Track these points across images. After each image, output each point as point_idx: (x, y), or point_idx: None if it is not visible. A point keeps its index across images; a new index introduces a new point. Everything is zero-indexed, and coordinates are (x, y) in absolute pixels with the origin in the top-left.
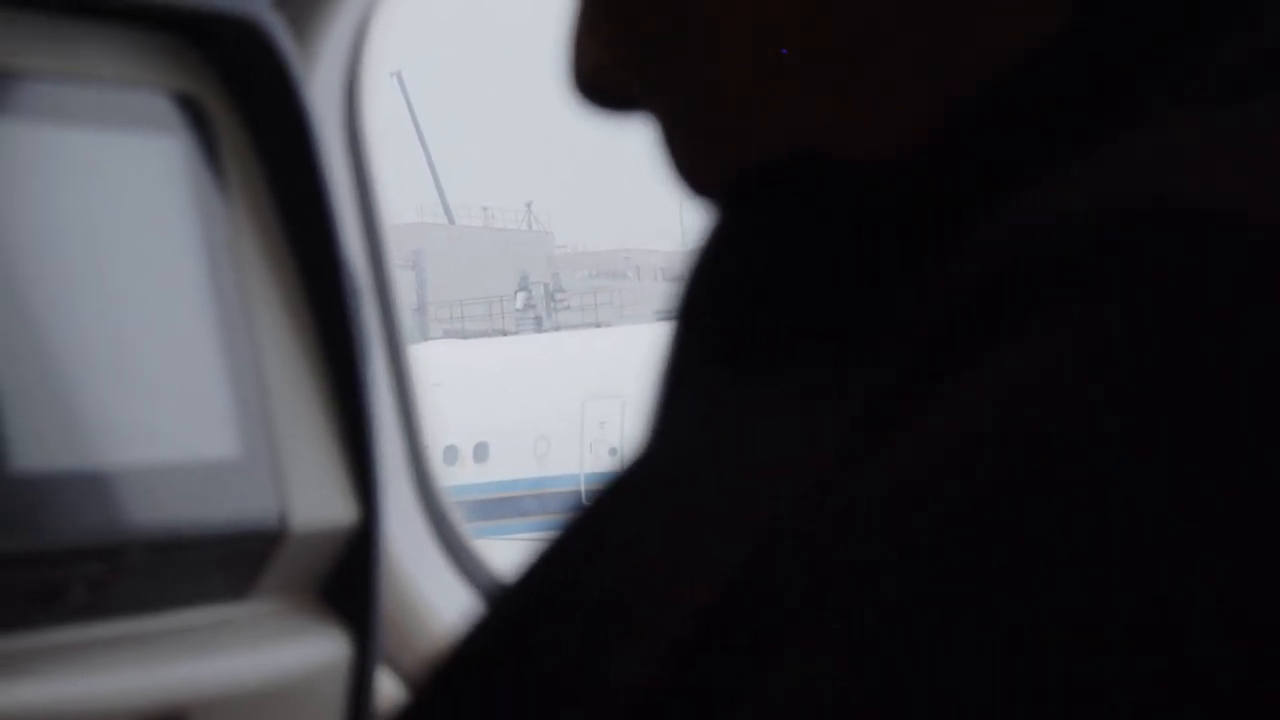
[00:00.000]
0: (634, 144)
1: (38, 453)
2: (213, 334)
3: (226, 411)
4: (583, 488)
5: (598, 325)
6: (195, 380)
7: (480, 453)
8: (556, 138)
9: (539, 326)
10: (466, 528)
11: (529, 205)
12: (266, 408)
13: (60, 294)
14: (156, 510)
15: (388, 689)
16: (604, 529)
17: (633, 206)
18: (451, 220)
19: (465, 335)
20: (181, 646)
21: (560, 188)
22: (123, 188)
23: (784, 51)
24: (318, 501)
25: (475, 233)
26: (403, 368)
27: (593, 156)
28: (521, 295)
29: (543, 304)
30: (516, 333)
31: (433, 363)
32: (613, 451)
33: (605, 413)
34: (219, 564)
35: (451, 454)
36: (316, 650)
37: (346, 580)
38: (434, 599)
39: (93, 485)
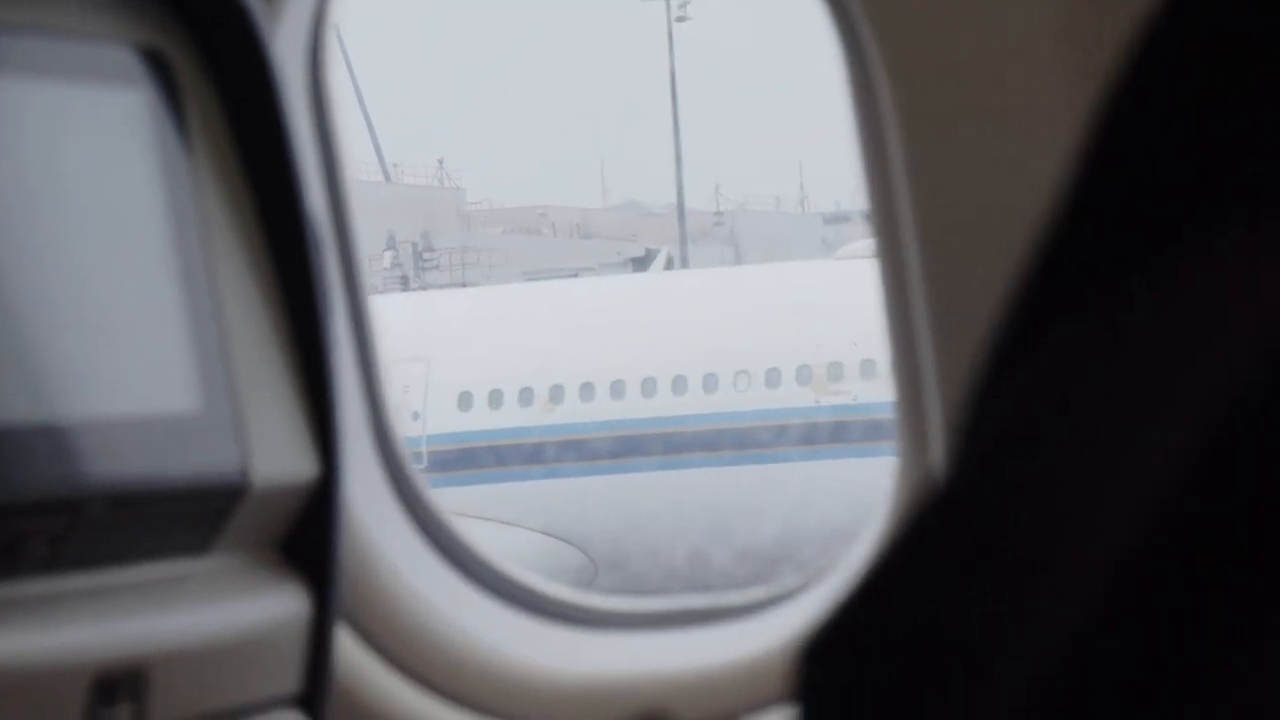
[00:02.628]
0: (551, 103)
1: None
2: (176, 288)
3: (189, 366)
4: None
5: (464, 285)
6: (158, 335)
7: None
8: (473, 95)
9: (405, 286)
10: (426, 483)
11: (440, 162)
12: (229, 363)
13: (21, 247)
14: (117, 464)
15: (346, 643)
16: (995, 481)
17: (549, 165)
18: (388, 178)
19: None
20: (141, 601)
21: (476, 145)
22: (87, 141)
23: None
24: (279, 456)
25: (377, 188)
26: (364, 324)
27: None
28: (389, 255)
29: (410, 263)
30: (383, 292)
31: None
32: (415, 416)
33: (408, 376)
34: (180, 519)
35: None
36: (276, 605)
37: (307, 535)
38: (392, 553)
39: (53, 439)
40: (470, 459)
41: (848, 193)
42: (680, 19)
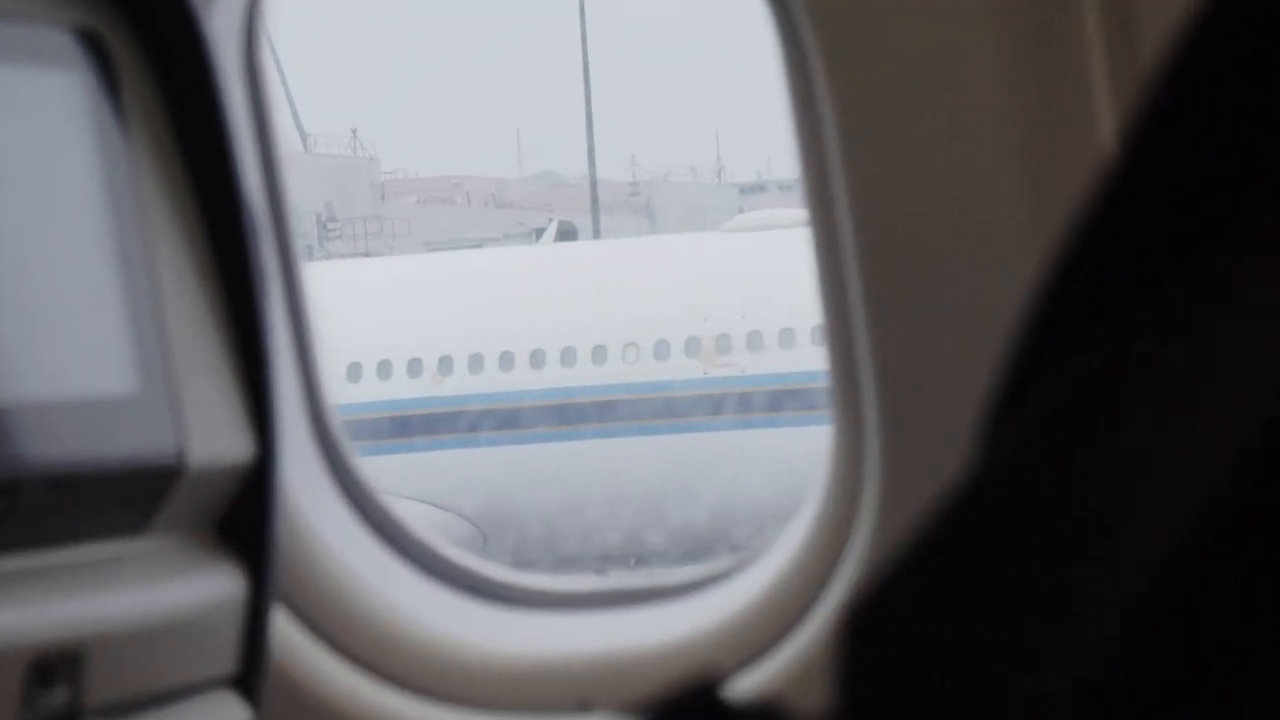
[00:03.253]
0: (469, 74)
1: None
2: (112, 270)
3: (125, 348)
4: None
5: (367, 255)
6: (94, 317)
7: None
8: (388, 64)
9: (309, 255)
10: (361, 463)
11: (354, 131)
12: (165, 344)
13: None
14: (54, 447)
15: (283, 623)
16: (1065, 437)
17: (467, 136)
18: (306, 149)
19: None
20: (78, 582)
21: (391, 115)
22: (22, 123)
23: None
24: (215, 437)
25: (296, 159)
26: (300, 304)
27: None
28: None
29: (314, 233)
30: None
31: None
32: None
33: None
34: (117, 500)
35: None
36: (213, 585)
37: (243, 516)
38: (329, 534)
39: None
40: (360, 430)
41: (764, 164)
42: None
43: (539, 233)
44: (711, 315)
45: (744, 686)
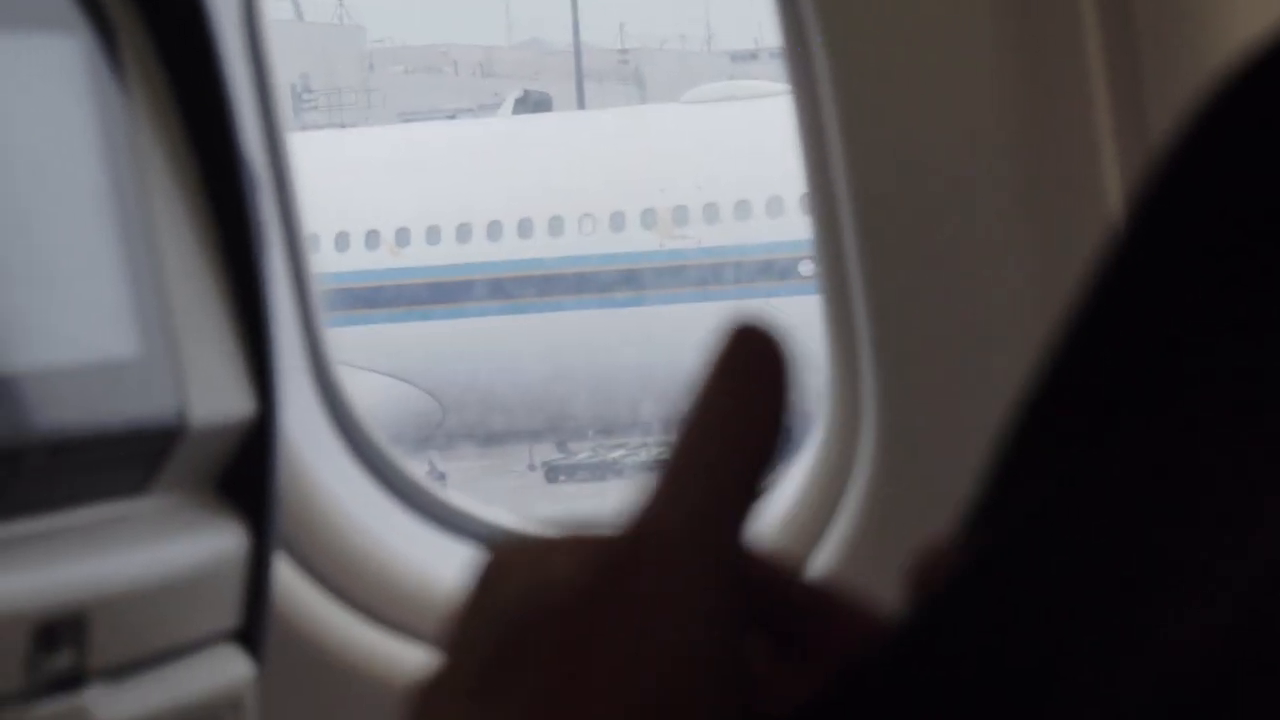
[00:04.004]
0: None
1: None
2: (111, 233)
3: (125, 310)
4: None
5: (341, 126)
6: (94, 280)
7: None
8: None
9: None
10: (366, 415)
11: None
12: (165, 305)
13: None
14: (56, 411)
15: (287, 577)
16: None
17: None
18: (300, 16)
19: None
20: (81, 545)
21: None
22: (22, 87)
23: None
24: (216, 396)
25: (285, 26)
26: (301, 260)
27: None
28: None
29: (290, 104)
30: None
31: None
32: None
33: None
34: (118, 462)
35: None
36: (215, 542)
37: (244, 473)
38: (332, 483)
39: None
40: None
41: (755, 31)
42: None
43: (516, 103)
44: (668, 187)
45: None
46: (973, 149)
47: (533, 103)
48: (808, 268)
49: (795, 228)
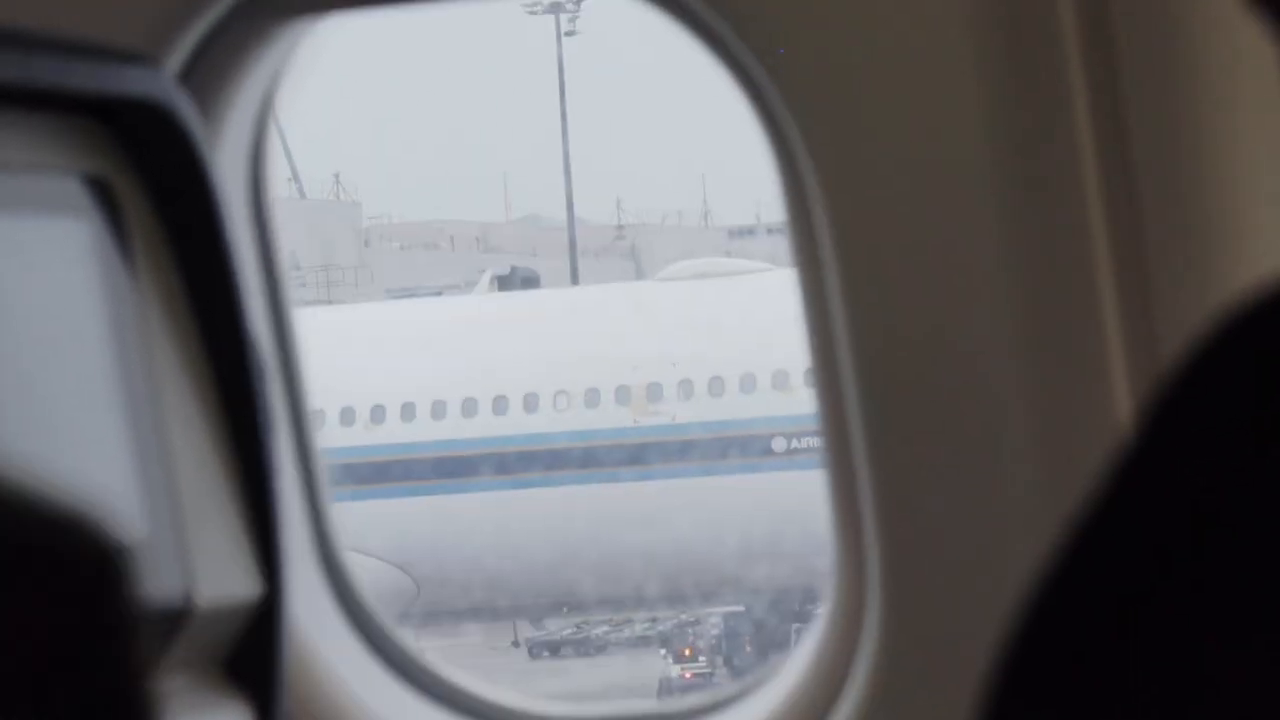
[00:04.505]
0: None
1: None
2: (120, 415)
3: (134, 493)
4: None
5: (329, 303)
6: (102, 461)
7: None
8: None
9: None
10: (372, 598)
11: (336, 176)
12: (173, 487)
13: None
14: None
15: None
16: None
17: (454, 181)
18: (303, 194)
19: None
20: None
21: (377, 160)
22: (30, 271)
23: None
24: (223, 578)
25: (282, 203)
26: (306, 438)
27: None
28: None
29: None
30: None
31: None
32: None
33: None
34: None
35: None
36: None
37: (250, 654)
38: (338, 665)
39: None
40: None
41: (753, 208)
42: (569, 33)
43: (500, 280)
44: (642, 364)
45: None
46: (978, 326)
47: (520, 279)
48: (780, 444)
49: (768, 404)
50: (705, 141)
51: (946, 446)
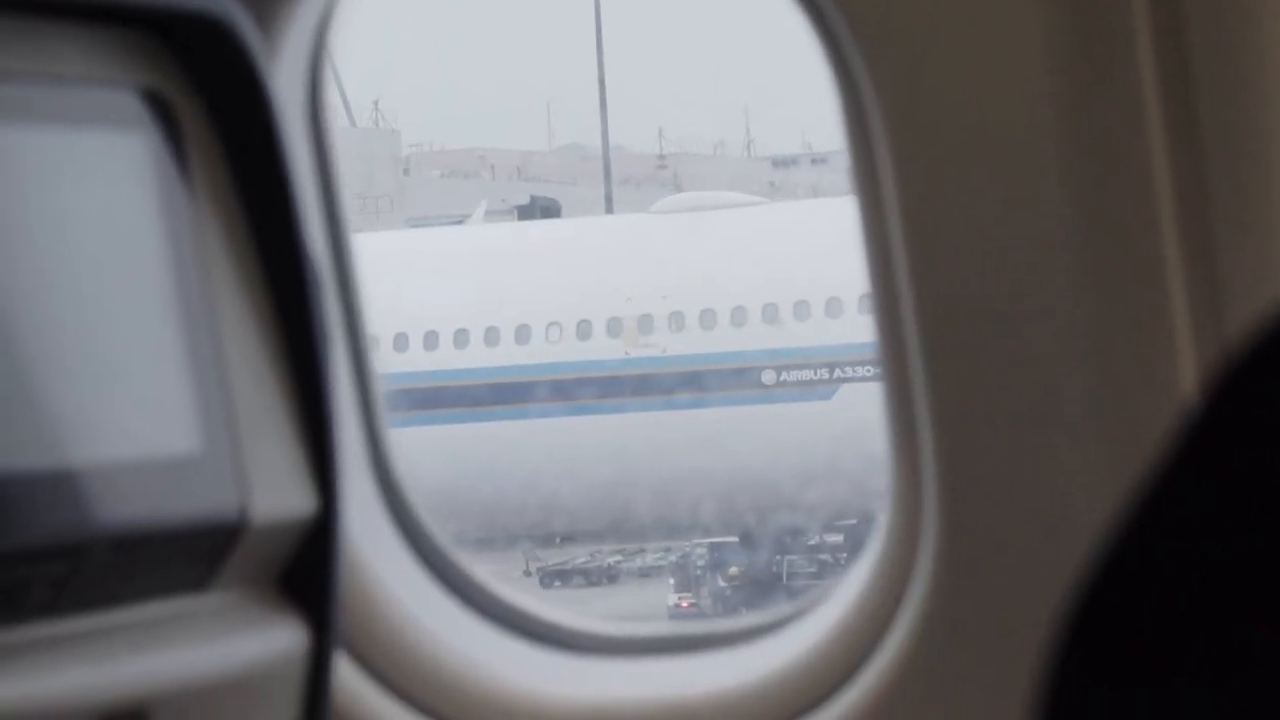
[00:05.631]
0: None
1: (0, 452)
2: (176, 330)
3: (189, 407)
4: None
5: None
6: (158, 376)
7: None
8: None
9: None
10: (428, 516)
11: (376, 103)
12: (229, 402)
13: (22, 291)
14: (119, 507)
15: (347, 675)
16: None
17: (495, 108)
18: (353, 122)
19: None
20: (141, 640)
21: (416, 88)
22: (88, 185)
23: None
24: (278, 493)
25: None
26: (363, 358)
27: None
28: None
29: None
30: None
31: None
32: None
33: None
34: (180, 558)
35: None
36: (275, 640)
37: (306, 570)
38: (393, 583)
39: (55, 484)
40: None
41: (798, 137)
42: None
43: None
44: (634, 296)
45: None
46: (1039, 252)
47: (539, 209)
48: (769, 377)
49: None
50: (749, 72)
51: (1005, 379)
